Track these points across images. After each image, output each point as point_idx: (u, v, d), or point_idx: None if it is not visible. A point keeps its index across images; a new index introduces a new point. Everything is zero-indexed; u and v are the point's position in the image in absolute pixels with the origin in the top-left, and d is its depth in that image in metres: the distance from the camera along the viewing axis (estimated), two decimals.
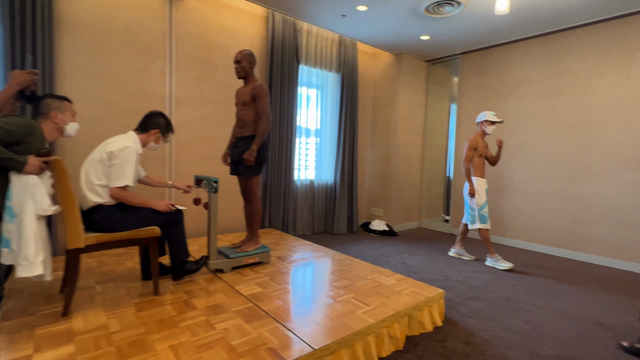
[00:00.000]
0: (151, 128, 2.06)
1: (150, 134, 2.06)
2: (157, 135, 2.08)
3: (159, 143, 2.11)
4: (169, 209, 2.02)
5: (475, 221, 3.41)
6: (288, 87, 3.97)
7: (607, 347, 1.94)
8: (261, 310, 1.84)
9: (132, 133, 2.01)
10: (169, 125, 2.15)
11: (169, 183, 2.28)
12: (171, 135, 2.20)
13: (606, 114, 3.57)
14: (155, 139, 2.08)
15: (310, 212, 4.47)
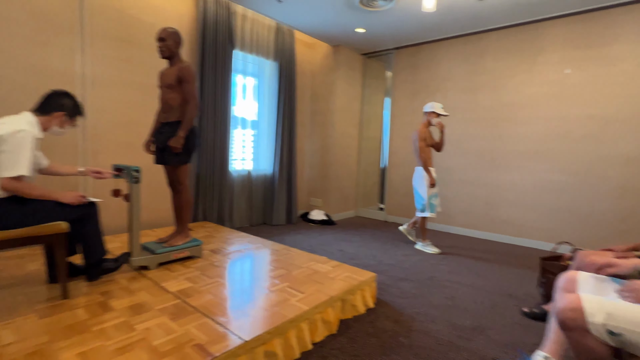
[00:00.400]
0: (54, 110, 1.79)
1: (53, 116, 1.79)
2: (62, 119, 1.82)
3: (65, 127, 1.85)
4: (79, 202, 1.79)
5: (426, 209, 3.54)
6: (222, 72, 3.77)
7: (513, 315, 2.20)
8: (189, 306, 1.73)
9: (28, 114, 1.72)
10: (77, 107, 1.89)
11: (79, 170, 2.02)
12: (79, 119, 1.94)
13: (515, 109, 4.02)
14: (59, 122, 1.81)
15: (248, 204, 4.35)
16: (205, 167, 3.73)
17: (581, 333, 1.02)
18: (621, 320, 0.97)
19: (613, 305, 1.00)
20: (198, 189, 3.72)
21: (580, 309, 1.02)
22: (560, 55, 3.71)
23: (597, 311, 0.99)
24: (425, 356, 1.69)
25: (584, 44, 3.56)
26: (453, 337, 1.88)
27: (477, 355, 1.71)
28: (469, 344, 1.81)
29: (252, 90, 4.33)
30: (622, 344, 1.01)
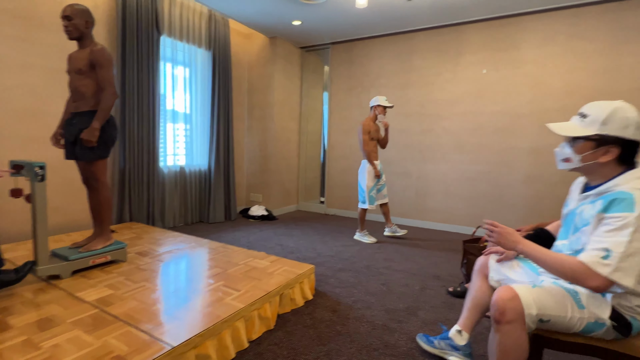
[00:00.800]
0: None
1: None
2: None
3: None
4: None
5: (365, 201, 3.63)
6: (148, 59, 3.47)
7: (440, 295, 2.37)
8: (109, 316, 1.57)
9: None
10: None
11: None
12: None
13: (442, 105, 4.33)
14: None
15: (182, 201, 4.10)
16: (131, 163, 3.41)
17: (520, 325, 1.05)
18: (549, 308, 1.06)
19: (539, 294, 1.07)
20: (124, 187, 3.40)
21: (517, 298, 1.05)
22: (478, 57, 4.07)
23: (531, 302, 1.05)
24: (361, 341, 1.74)
25: (497, 47, 3.96)
26: (387, 320, 1.97)
27: (409, 335, 1.82)
28: (402, 326, 1.92)
29: (182, 81, 4.05)
30: (546, 328, 1.13)
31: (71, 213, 3.06)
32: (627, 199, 0.99)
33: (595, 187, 1.13)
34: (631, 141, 1.06)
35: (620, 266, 0.96)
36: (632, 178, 1.04)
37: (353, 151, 5.01)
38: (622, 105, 1.07)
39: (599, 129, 1.07)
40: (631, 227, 0.96)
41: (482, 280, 1.52)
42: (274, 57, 4.80)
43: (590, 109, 1.11)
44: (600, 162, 1.09)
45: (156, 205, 3.67)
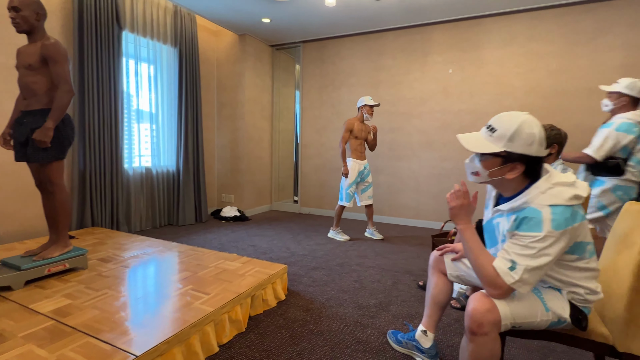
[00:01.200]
0: None
1: None
2: None
3: None
4: None
5: (342, 199, 3.63)
6: (108, 55, 3.30)
7: (411, 289, 2.42)
8: (67, 327, 1.47)
9: None
10: None
11: None
12: None
13: (411, 104, 4.43)
14: None
15: (149, 204, 3.94)
16: (92, 165, 3.24)
17: (495, 335, 1.07)
18: (523, 316, 1.09)
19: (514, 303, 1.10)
20: (84, 190, 3.22)
21: (495, 310, 1.06)
22: (444, 57, 4.20)
23: (509, 313, 1.07)
24: (333, 339, 1.75)
25: (462, 47, 4.10)
26: (359, 317, 1.99)
27: (380, 331, 1.84)
28: (373, 321, 1.94)
29: (148, 79, 3.89)
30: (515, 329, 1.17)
31: (25, 219, 2.86)
32: (535, 218, 1.04)
33: (507, 200, 1.18)
34: (535, 157, 1.10)
35: (523, 278, 1.04)
36: (538, 193, 1.08)
37: (326, 149, 5.02)
38: (527, 119, 1.09)
39: (505, 145, 1.09)
40: (537, 245, 1.03)
41: (438, 276, 1.54)
42: (244, 55, 4.71)
43: (498, 123, 1.12)
44: (507, 178, 1.13)
45: (121, 209, 3.50)
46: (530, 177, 1.12)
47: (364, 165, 3.69)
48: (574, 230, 1.04)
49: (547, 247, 1.02)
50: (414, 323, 1.93)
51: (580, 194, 1.06)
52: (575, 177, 1.12)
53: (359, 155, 3.67)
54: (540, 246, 1.02)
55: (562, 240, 1.03)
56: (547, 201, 1.06)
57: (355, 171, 3.63)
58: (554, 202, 1.05)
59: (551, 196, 1.06)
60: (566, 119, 3.68)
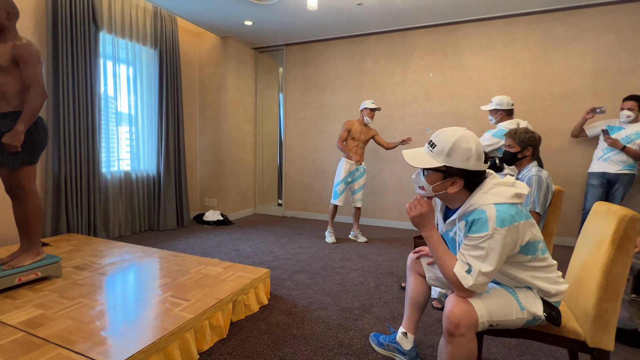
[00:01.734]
0: None
1: None
2: None
3: None
4: None
5: (333, 197, 3.74)
6: (84, 56, 3.21)
7: (394, 290, 2.44)
8: (37, 339, 1.42)
9: None
10: None
11: None
12: None
13: (394, 107, 4.48)
14: None
15: (129, 209, 3.84)
16: (67, 169, 3.13)
17: (472, 336, 1.09)
18: (497, 315, 1.11)
19: (490, 302, 1.12)
20: (59, 195, 3.11)
21: (472, 311, 1.08)
22: (426, 61, 4.27)
23: (485, 313, 1.09)
24: (316, 343, 1.74)
25: (443, 51, 4.18)
26: (342, 319, 1.99)
27: (363, 333, 1.84)
28: (356, 324, 1.94)
29: (126, 81, 3.80)
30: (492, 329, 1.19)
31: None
32: (482, 218, 1.08)
33: (454, 211, 1.22)
34: (474, 171, 1.14)
35: (479, 280, 1.07)
36: (481, 194, 1.13)
37: (310, 152, 5.02)
38: (464, 135, 1.13)
39: (444, 160, 1.13)
40: (485, 244, 1.06)
41: (415, 277, 1.57)
42: (226, 57, 4.67)
43: (438, 139, 1.16)
44: (449, 192, 1.17)
45: (98, 214, 3.40)
46: (471, 190, 1.16)
47: (355, 167, 3.72)
48: (520, 227, 1.08)
49: (495, 245, 1.05)
50: (396, 324, 1.94)
51: (521, 192, 1.11)
52: (514, 179, 1.18)
53: (357, 158, 3.64)
54: (489, 245, 1.06)
55: (508, 237, 1.05)
56: (490, 200, 1.10)
57: (345, 170, 3.67)
58: (497, 201, 1.09)
59: (493, 195, 1.10)
60: (541, 122, 3.81)
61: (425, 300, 1.56)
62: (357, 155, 3.69)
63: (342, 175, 3.68)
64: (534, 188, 1.91)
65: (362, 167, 3.77)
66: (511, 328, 1.19)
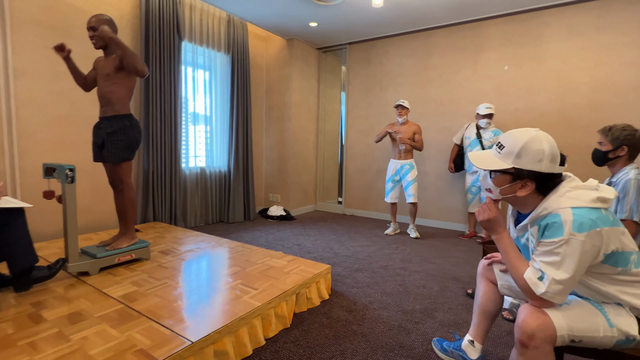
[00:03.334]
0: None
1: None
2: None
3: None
4: None
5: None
6: (170, 64, 3.59)
7: (458, 297, 2.33)
8: (133, 311, 1.64)
9: None
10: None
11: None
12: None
13: (461, 103, 4.24)
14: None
15: (203, 202, 4.21)
16: (154, 165, 3.54)
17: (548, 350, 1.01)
18: (580, 329, 1.02)
19: (570, 314, 1.03)
20: (147, 188, 3.53)
21: (549, 322, 1.01)
22: (498, 53, 3.96)
23: (564, 325, 1.01)
24: (376, 341, 1.74)
25: (519, 42, 3.84)
26: (403, 321, 1.96)
27: (425, 337, 1.80)
28: (418, 327, 1.90)
29: (203, 84, 4.16)
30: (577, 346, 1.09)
31: (98, 213, 3.21)
32: (556, 223, 1.00)
33: (526, 216, 1.13)
34: (546, 174, 1.05)
35: (553, 288, 0.99)
36: (556, 197, 1.04)
37: (371, 151, 4.98)
38: (536, 135, 1.05)
39: (513, 162, 1.07)
40: (561, 250, 0.98)
41: (486, 284, 1.48)
42: (291, 59, 4.85)
43: (506, 140, 1.10)
44: (518, 195, 1.09)
45: (178, 206, 3.79)
46: (545, 194, 1.08)
47: (400, 165, 3.89)
48: (604, 234, 0.96)
49: (571, 251, 0.96)
50: (461, 332, 1.86)
51: (605, 196, 1.00)
52: (597, 182, 1.07)
53: (395, 155, 3.96)
54: (564, 251, 0.97)
55: (588, 244, 0.95)
56: (566, 204, 1.01)
57: (391, 169, 3.97)
58: (574, 204, 1.00)
59: (570, 199, 1.02)
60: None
61: (496, 309, 1.47)
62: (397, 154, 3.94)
63: (389, 173, 3.98)
64: (633, 193, 1.68)
65: (408, 163, 3.89)
66: (599, 347, 1.07)
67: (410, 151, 3.91)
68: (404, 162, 3.90)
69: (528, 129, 1.09)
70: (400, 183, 3.97)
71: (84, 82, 2.27)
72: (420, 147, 3.84)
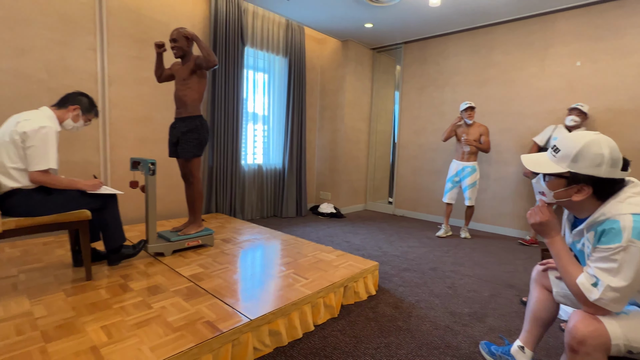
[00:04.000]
0: (70, 104, 1.91)
1: (68, 109, 1.90)
2: (77, 113, 1.92)
3: (78, 122, 1.95)
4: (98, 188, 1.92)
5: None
6: (233, 69, 3.89)
7: (513, 304, 2.25)
8: (201, 289, 1.87)
9: (46, 108, 1.85)
10: (93, 106, 1.99)
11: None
12: (93, 118, 2.04)
13: (525, 103, 4.00)
14: (74, 116, 1.91)
15: (259, 197, 4.49)
16: (217, 161, 3.87)
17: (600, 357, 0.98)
18: (638, 340, 0.98)
19: (627, 324, 0.99)
20: (211, 182, 3.87)
21: (602, 329, 0.98)
22: (571, 48, 3.67)
23: (620, 334, 0.98)
24: (422, 339, 1.77)
25: (595, 35, 3.52)
26: (450, 322, 1.96)
27: (473, 340, 1.79)
28: (465, 329, 1.89)
29: (262, 86, 4.44)
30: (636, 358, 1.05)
31: (168, 202, 3.61)
32: (614, 229, 0.96)
33: (583, 221, 1.08)
34: (605, 179, 0.99)
35: (607, 295, 0.96)
36: (616, 203, 0.99)
37: (424, 151, 4.90)
38: (596, 139, 1.00)
39: (569, 166, 1.03)
40: (618, 257, 0.94)
41: (540, 290, 1.43)
42: (345, 60, 4.94)
43: (562, 143, 1.07)
44: (574, 200, 1.05)
45: (237, 199, 4.09)
46: (603, 199, 1.04)
47: (462, 166, 3.80)
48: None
49: (630, 259, 0.92)
50: (512, 339, 1.81)
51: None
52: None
53: (458, 156, 3.88)
54: (622, 258, 0.93)
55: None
56: (627, 210, 0.97)
57: (452, 169, 3.90)
58: (636, 211, 0.95)
59: (631, 205, 0.97)
60: None
61: (550, 316, 1.42)
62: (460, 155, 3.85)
63: (450, 173, 3.91)
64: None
65: (470, 166, 3.78)
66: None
67: (475, 153, 3.80)
68: (467, 164, 3.80)
69: (587, 132, 1.06)
70: (460, 184, 3.89)
71: (160, 74, 2.57)
72: (487, 149, 3.73)
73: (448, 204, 3.97)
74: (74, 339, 1.35)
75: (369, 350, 1.65)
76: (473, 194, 3.79)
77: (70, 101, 1.91)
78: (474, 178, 3.77)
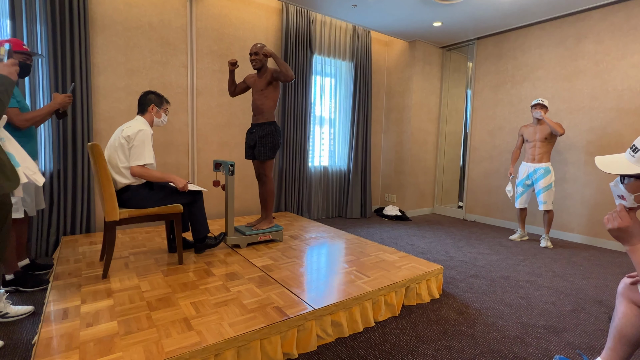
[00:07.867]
0: (147, 106, 2.26)
1: (149, 111, 2.26)
2: (155, 110, 2.27)
3: (161, 117, 2.31)
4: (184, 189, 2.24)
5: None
6: (303, 76, 4.13)
7: (599, 321, 2.03)
8: (271, 278, 2.06)
9: (139, 117, 2.24)
10: (160, 97, 2.30)
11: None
12: (168, 106, 2.35)
13: (624, 96, 3.51)
14: (155, 113, 2.27)
15: (325, 197, 4.66)
16: (287, 163, 4.14)
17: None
18: None
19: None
20: (281, 182, 4.16)
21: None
22: None
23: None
24: (487, 346, 1.72)
25: None
26: (521, 334, 1.85)
27: (546, 354, 1.67)
28: (538, 342, 1.77)
29: (329, 90, 4.61)
30: None
31: (245, 200, 3.97)
32: None
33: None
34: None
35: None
36: None
37: (499, 152, 4.58)
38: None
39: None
40: None
41: (627, 305, 1.28)
42: (412, 61, 4.87)
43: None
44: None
45: (304, 199, 4.32)
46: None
47: (534, 168, 3.60)
48: None
49: None
50: (592, 357, 1.64)
51: None
52: None
53: (528, 158, 3.69)
54: None
55: None
56: None
57: (522, 172, 3.71)
58: None
59: None
60: None
61: (638, 334, 1.29)
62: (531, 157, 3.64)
63: (520, 177, 3.73)
64: None
65: (543, 167, 3.55)
66: None
67: (547, 152, 3.50)
68: (538, 165, 3.54)
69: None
70: (532, 188, 3.65)
71: (234, 90, 2.87)
72: (557, 129, 3.36)
73: (522, 209, 3.77)
74: (170, 310, 1.63)
75: (429, 351, 1.66)
76: (549, 198, 3.50)
77: (146, 103, 2.25)
78: (548, 180, 3.49)
